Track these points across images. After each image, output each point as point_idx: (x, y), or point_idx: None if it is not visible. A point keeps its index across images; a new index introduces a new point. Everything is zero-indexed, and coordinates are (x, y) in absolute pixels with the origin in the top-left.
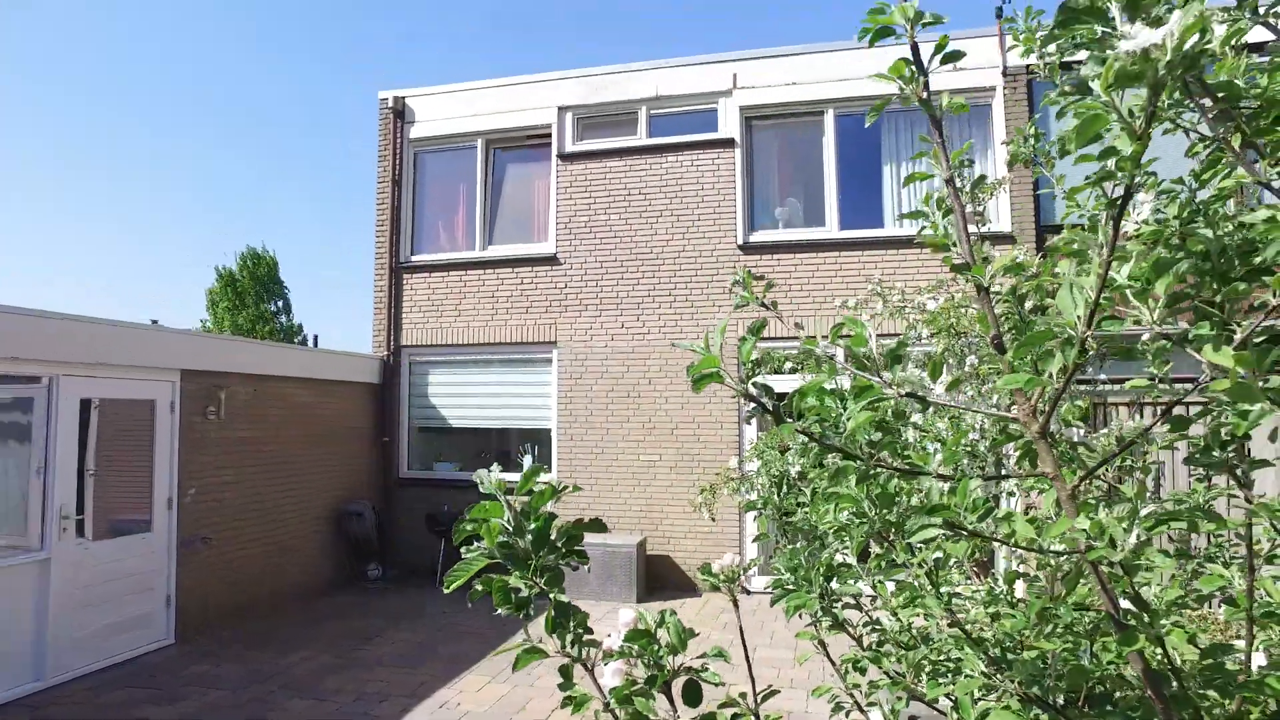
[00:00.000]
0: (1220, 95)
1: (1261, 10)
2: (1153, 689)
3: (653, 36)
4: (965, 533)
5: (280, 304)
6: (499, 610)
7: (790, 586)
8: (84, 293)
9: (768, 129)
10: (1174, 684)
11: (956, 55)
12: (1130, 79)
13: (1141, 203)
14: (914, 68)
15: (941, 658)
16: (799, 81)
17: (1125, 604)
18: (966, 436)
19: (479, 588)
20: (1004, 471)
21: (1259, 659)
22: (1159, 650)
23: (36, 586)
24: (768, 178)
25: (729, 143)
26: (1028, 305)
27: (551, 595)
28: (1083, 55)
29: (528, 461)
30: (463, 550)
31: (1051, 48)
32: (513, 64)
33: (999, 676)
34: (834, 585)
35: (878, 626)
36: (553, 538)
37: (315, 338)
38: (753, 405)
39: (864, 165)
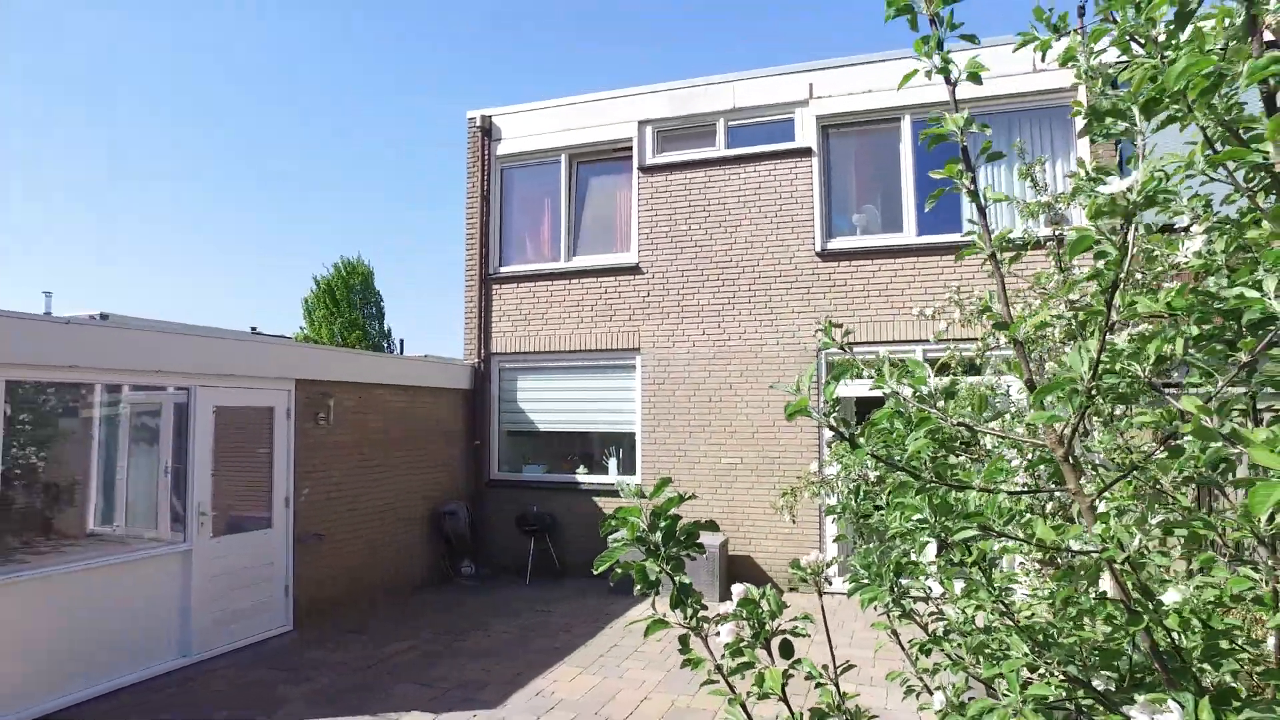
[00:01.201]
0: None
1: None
2: (1158, 662)
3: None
4: (994, 534)
5: (374, 311)
6: (637, 588)
7: (865, 581)
8: (188, 300)
9: (844, 137)
10: (1178, 660)
11: (997, 156)
12: (1107, 213)
13: (1195, 234)
14: (964, 166)
15: (996, 643)
16: (875, 89)
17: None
18: (1005, 461)
19: (619, 571)
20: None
21: None
22: (1171, 634)
23: (180, 575)
24: (845, 185)
25: (806, 151)
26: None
27: (675, 578)
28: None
29: (613, 464)
30: (608, 540)
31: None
32: (591, 80)
33: (1042, 658)
34: (902, 581)
35: (942, 617)
36: (676, 534)
37: (401, 342)
38: (832, 431)
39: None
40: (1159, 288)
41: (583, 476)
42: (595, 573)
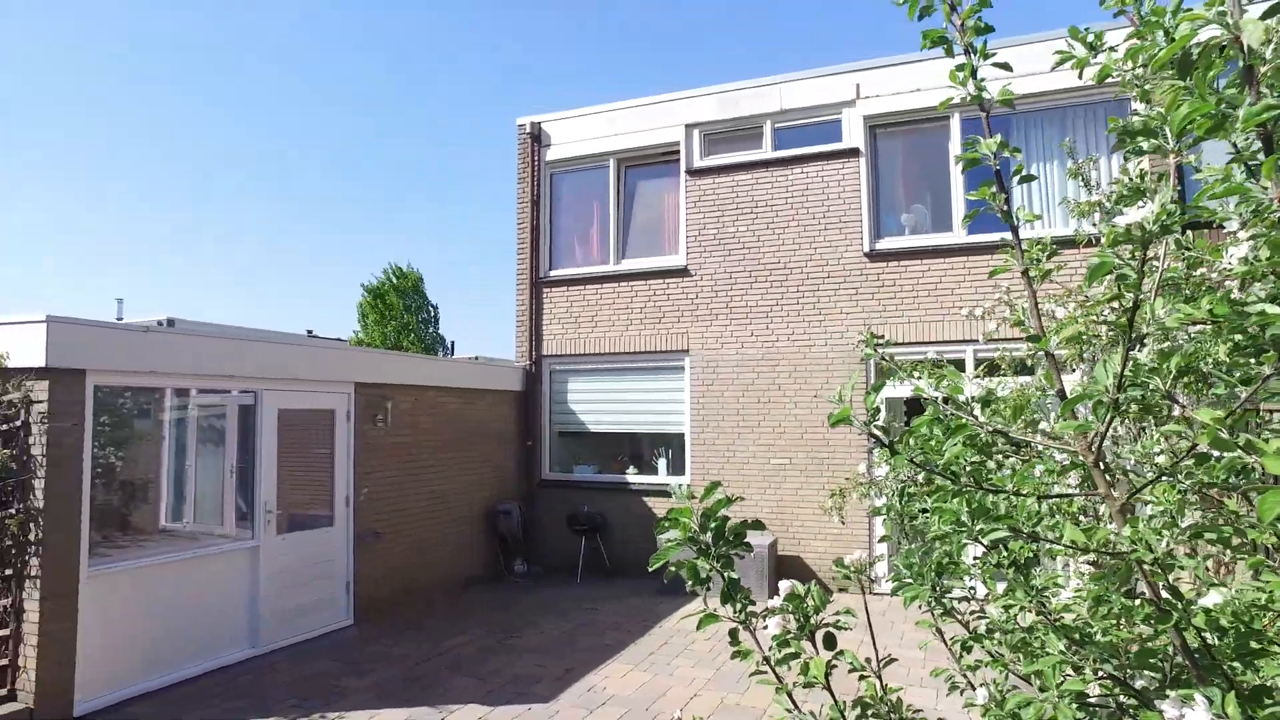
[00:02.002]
0: None
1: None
2: (1189, 659)
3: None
4: (1023, 535)
5: (425, 316)
6: (689, 585)
7: (907, 580)
8: (244, 303)
9: (892, 136)
10: (1209, 659)
11: (1030, 178)
12: (1125, 241)
13: (1241, 240)
14: (997, 188)
15: (1037, 641)
16: (923, 88)
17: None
18: (1035, 467)
19: (672, 569)
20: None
21: None
22: (1202, 634)
23: (249, 570)
24: (893, 185)
25: (853, 152)
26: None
27: (725, 575)
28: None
29: (662, 465)
30: (661, 539)
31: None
32: (639, 85)
33: (1079, 656)
34: (943, 580)
35: (983, 615)
36: (725, 534)
37: (452, 344)
38: (873, 440)
39: (1004, 163)
40: (1217, 287)
41: (633, 477)
42: (650, 570)
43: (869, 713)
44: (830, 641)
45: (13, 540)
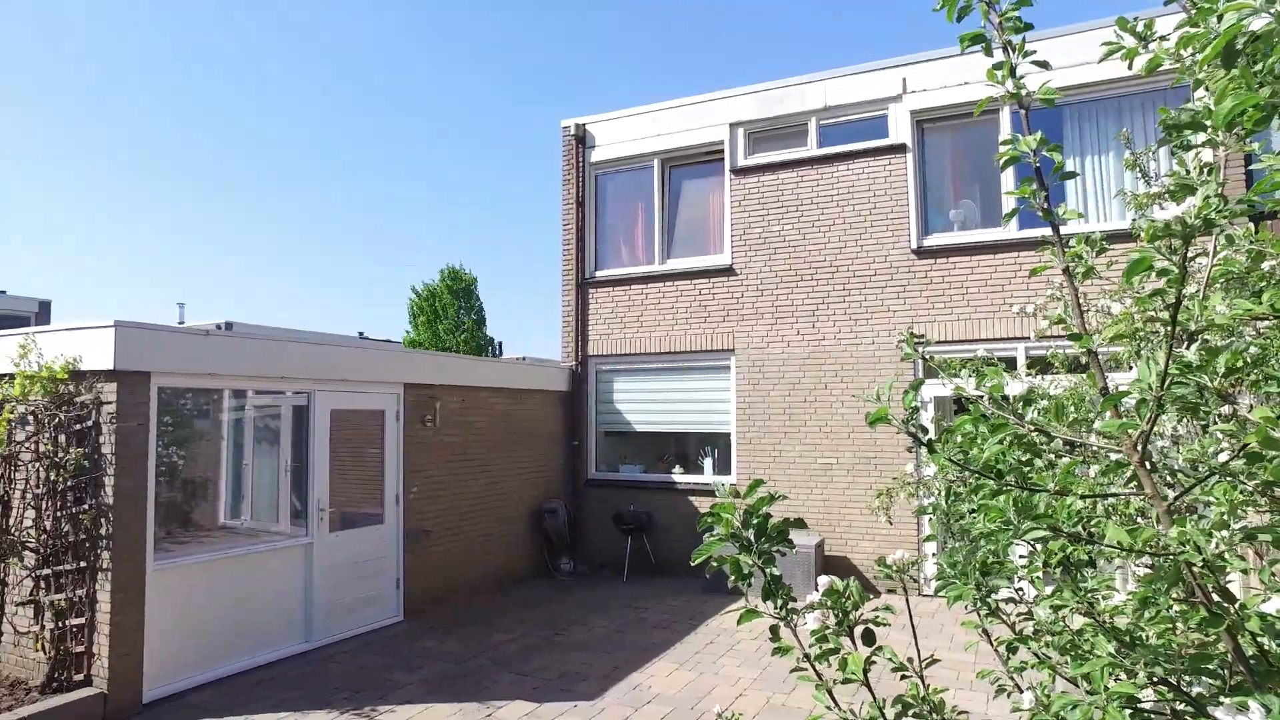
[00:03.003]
0: None
1: None
2: (1240, 662)
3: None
4: (1063, 534)
5: (476, 318)
6: (731, 580)
7: (951, 580)
8: (295, 304)
9: (940, 131)
10: (1265, 664)
11: (1071, 175)
12: (1166, 235)
13: None
14: (1037, 186)
15: (1085, 643)
16: (971, 81)
17: None
18: (1078, 465)
19: (714, 564)
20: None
21: None
22: (1258, 639)
23: (303, 566)
24: (941, 180)
25: (900, 148)
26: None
27: (766, 571)
28: None
29: (708, 464)
30: (704, 535)
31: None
32: (683, 84)
33: (1128, 659)
34: (988, 580)
35: (1031, 616)
36: (768, 531)
37: (500, 345)
38: (911, 437)
39: (1045, 162)
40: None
41: (679, 476)
42: (693, 565)
43: (909, 712)
44: (869, 638)
45: (86, 534)
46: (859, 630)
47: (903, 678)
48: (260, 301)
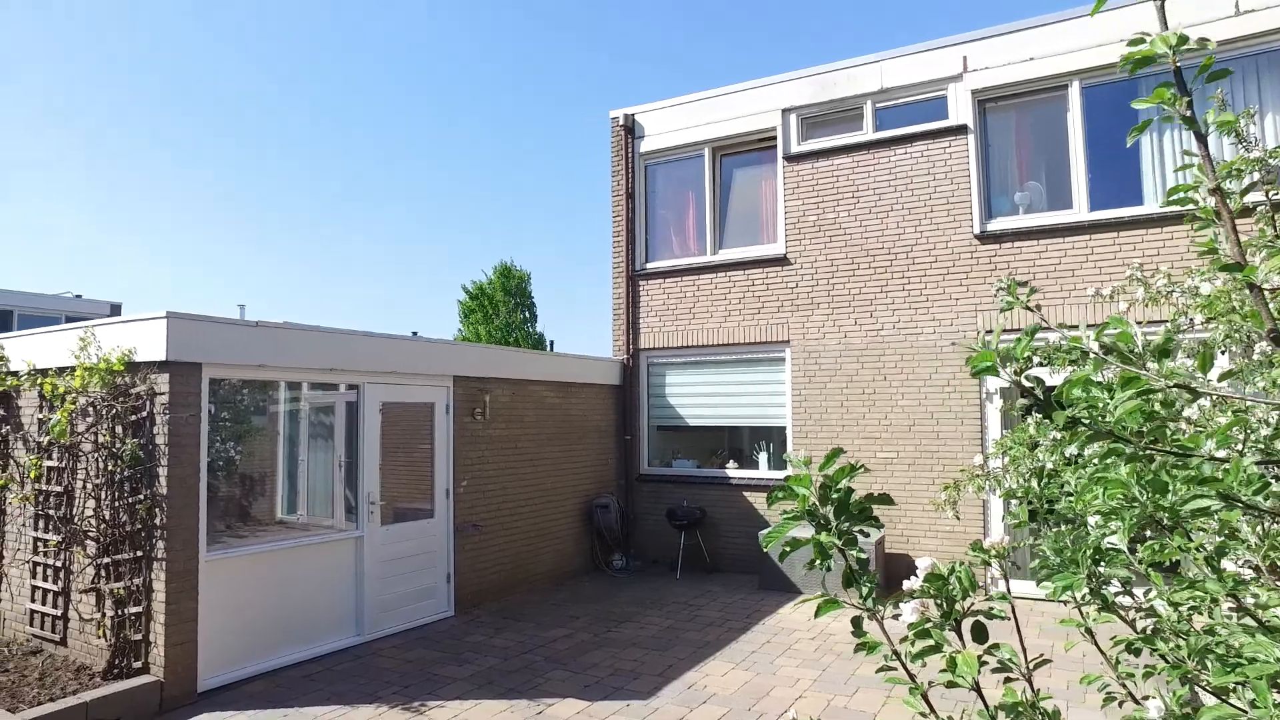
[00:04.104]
0: None
1: None
2: None
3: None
4: (1240, 504)
5: (527, 315)
6: (814, 561)
7: (1056, 569)
8: (350, 310)
9: (1003, 110)
10: None
11: (1223, 74)
12: None
13: None
14: (1176, 90)
15: (1222, 646)
16: (1037, 56)
17: None
18: (1247, 424)
19: (786, 548)
20: None
21: None
22: None
23: (354, 560)
24: (1004, 162)
25: (961, 129)
26: None
27: (848, 554)
28: None
29: (763, 459)
30: (777, 513)
31: None
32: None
33: None
34: (1101, 568)
35: (1152, 613)
36: (850, 507)
37: (551, 343)
38: (1025, 398)
39: (1117, 139)
40: None
41: (733, 471)
42: (764, 549)
43: None
44: (980, 633)
45: (141, 524)
46: (968, 624)
47: (1006, 680)
48: (318, 306)
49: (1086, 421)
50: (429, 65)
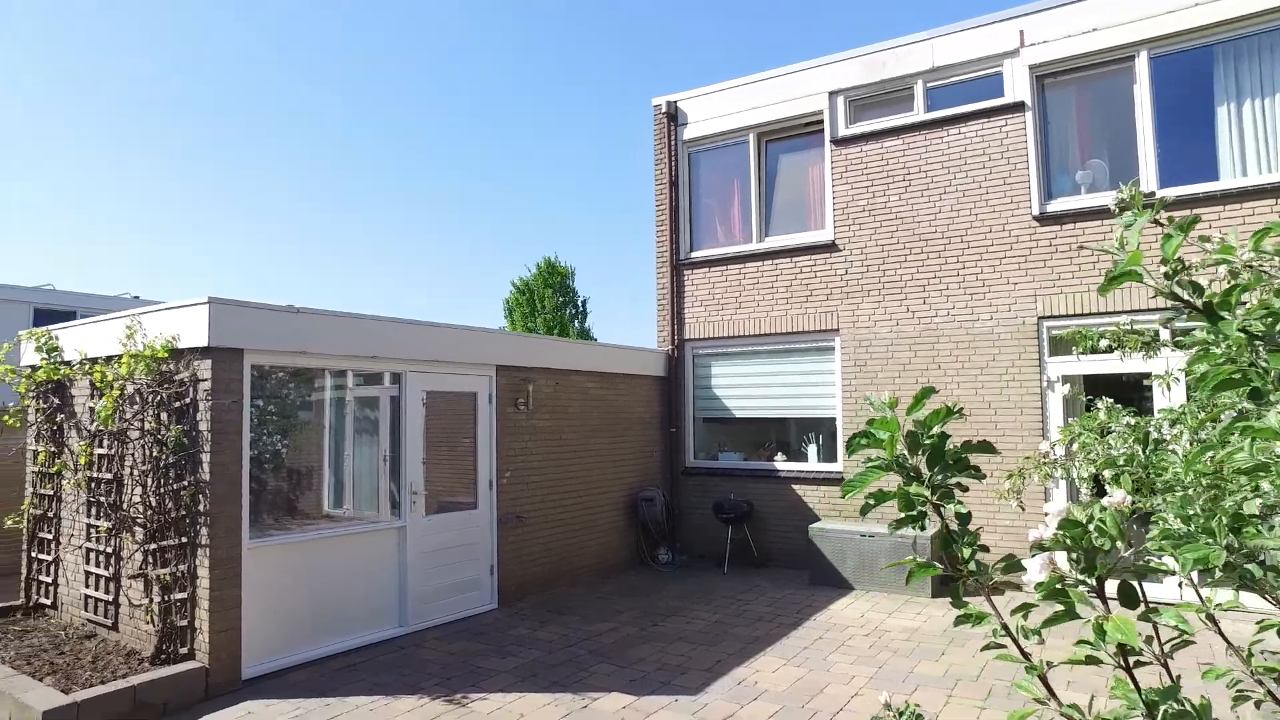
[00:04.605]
0: None
1: None
2: None
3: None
4: None
5: (574, 311)
6: (900, 516)
7: (1183, 538)
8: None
9: (1064, 85)
10: None
11: None
12: None
13: None
14: None
15: None
16: (1100, 26)
17: None
18: None
19: (870, 500)
20: None
21: None
22: None
23: (397, 550)
24: (1065, 140)
25: (1017, 107)
26: None
27: (943, 509)
28: None
29: (812, 451)
30: (859, 462)
31: None
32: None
33: None
34: (1244, 540)
35: None
36: (945, 455)
37: (594, 340)
38: (1175, 309)
39: (1190, 110)
40: None
41: (781, 464)
42: (843, 499)
43: (1159, 713)
44: (1129, 596)
45: (186, 510)
46: (1113, 584)
47: (1136, 664)
48: (363, 306)
49: (1262, 334)
50: (473, 69)
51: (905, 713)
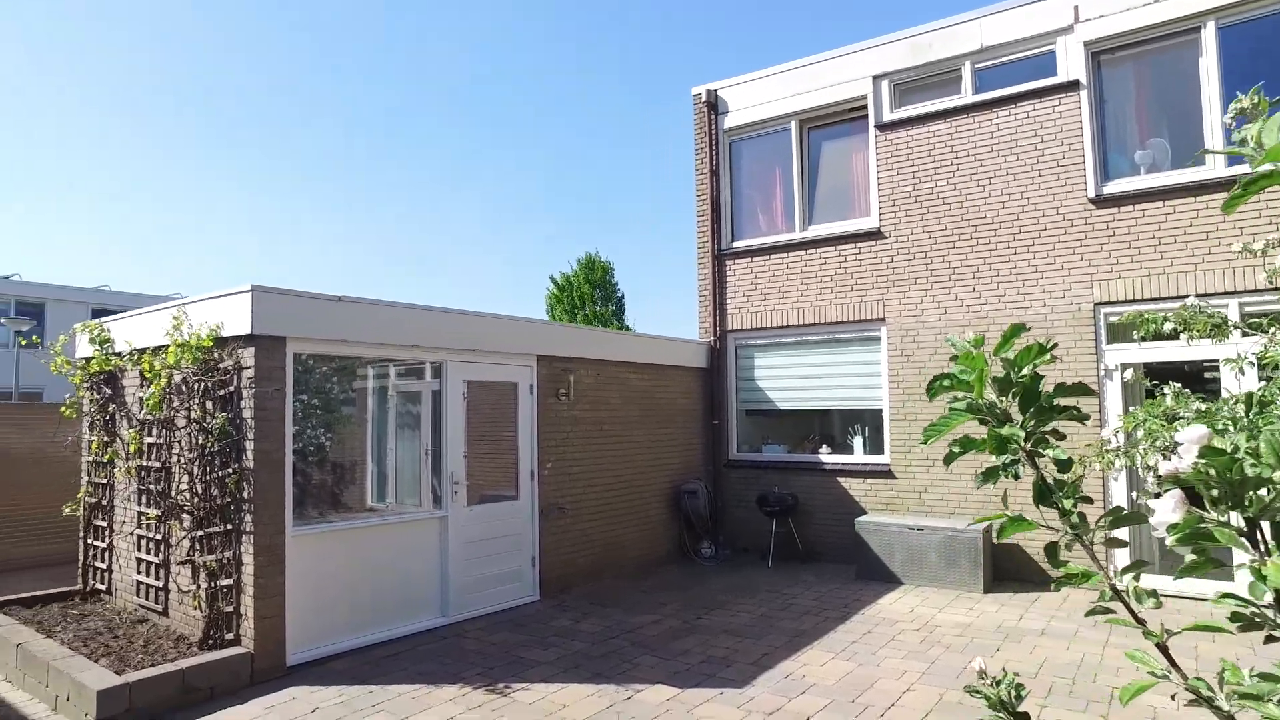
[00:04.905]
0: None
1: None
2: None
3: None
4: None
5: (615, 307)
6: (994, 471)
7: None
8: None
9: (1121, 62)
10: None
11: None
12: None
13: None
14: None
15: None
16: None
17: None
18: None
19: (953, 448)
20: None
21: None
22: None
23: (439, 541)
24: (1122, 118)
25: (1072, 85)
26: None
27: (1038, 457)
28: None
29: (858, 444)
30: (946, 403)
31: None
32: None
33: None
34: None
35: None
36: (1040, 398)
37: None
38: None
39: (1260, 83)
40: None
41: (826, 457)
42: (923, 444)
43: None
44: None
45: (231, 498)
46: (1267, 527)
47: (1268, 639)
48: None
49: None
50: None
51: (1004, 681)
